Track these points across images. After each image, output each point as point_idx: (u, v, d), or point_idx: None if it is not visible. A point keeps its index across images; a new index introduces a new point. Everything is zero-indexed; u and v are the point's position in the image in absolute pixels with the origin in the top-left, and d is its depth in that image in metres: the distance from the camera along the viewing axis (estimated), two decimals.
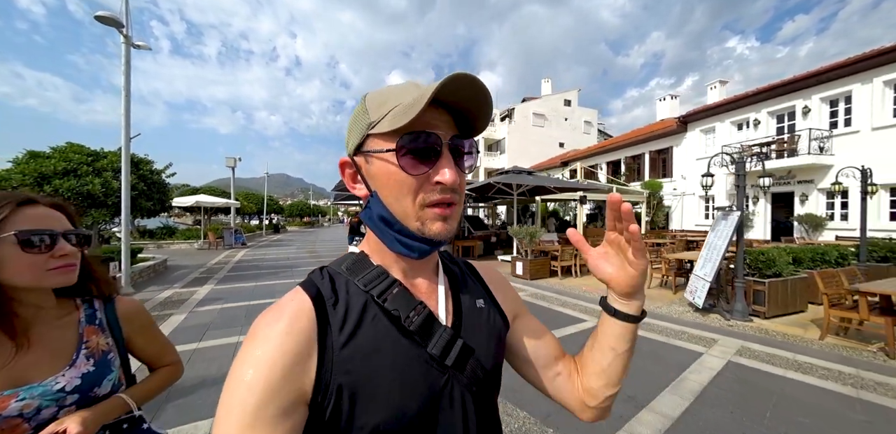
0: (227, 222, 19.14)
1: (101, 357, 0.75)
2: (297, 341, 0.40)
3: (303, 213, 45.83)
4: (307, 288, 0.46)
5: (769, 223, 12.42)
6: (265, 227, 25.66)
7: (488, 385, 0.51)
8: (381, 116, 0.43)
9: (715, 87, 16.43)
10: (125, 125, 5.92)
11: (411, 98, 0.42)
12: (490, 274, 0.63)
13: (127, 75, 5.94)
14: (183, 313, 4.80)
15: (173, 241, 15.32)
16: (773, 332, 4.09)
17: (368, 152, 0.45)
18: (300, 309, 0.43)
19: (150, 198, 6.76)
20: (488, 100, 0.43)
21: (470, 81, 0.40)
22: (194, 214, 18.74)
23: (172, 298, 5.66)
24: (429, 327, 0.46)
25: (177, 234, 16.05)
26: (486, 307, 0.56)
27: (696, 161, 14.77)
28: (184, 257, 11.35)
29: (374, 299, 0.46)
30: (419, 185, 0.44)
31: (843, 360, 3.26)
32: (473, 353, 0.49)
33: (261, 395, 0.36)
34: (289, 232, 30.16)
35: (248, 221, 29.48)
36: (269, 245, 16.53)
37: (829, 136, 10.42)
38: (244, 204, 22.57)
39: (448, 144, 0.44)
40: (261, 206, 26.27)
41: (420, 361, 0.45)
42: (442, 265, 0.57)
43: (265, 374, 0.37)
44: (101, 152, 6.47)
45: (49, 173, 5.45)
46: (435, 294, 0.52)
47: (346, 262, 0.50)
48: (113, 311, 0.82)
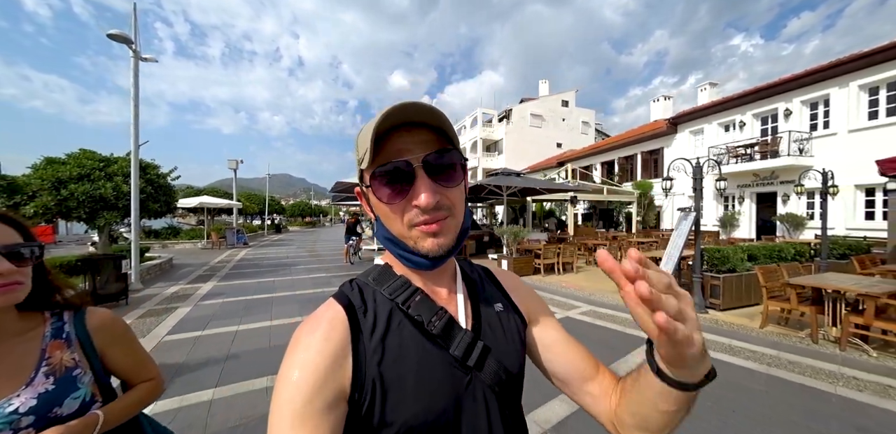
0: (229, 222, 19.66)
1: (63, 374, 0.70)
2: (334, 346, 0.44)
3: (304, 213, 46.42)
4: (339, 299, 0.50)
5: (754, 222, 12.76)
6: (267, 227, 26.22)
7: (511, 385, 0.52)
8: (363, 153, 0.46)
9: (705, 89, 16.75)
10: (134, 133, 6.39)
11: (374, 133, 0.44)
12: (506, 278, 0.66)
13: (135, 87, 6.41)
14: (189, 306, 5.27)
15: (178, 240, 15.84)
16: (723, 322, 4.48)
17: (365, 185, 0.50)
18: (335, 318, 0.47)
19: (158, 200, 7.23)
20: (436, 115, 0.45)
21: (409, 105, 0.43)
22: (198, 215, 19.27)
23: (178, 293, 6.13)
24: (450, 331, 0.49)
25: (181, 234, 16.57)
26: (503, 310, 0.58)
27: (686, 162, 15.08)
28: (188, 256, 11.85)
29: (399, 307, 0.50)
30: (402, 210, 0.47)
31: (771, 344, 3.67)
32: (494, 353, 0.51)
33: (307, 393, 0.40)
34: (290, 232, 30.71)
35: (250, 221, 30.04)
36: (270, 244, 17.03)
37: (809, 138, 10.76)
38: (246, 204, 23.10)
39: (422, 165, 0.46)
40: (262, 206, 26.82)
41: (444, 363, 0.48)
42: (461, 272, 0.60)
43: (309, 374, 0.41)
44: (112, 158, 6.95)
45: (65, 178, 5.92)
46: (454, 300, 0.55)
47: (373, 274, 0.55)
48: (82, 323, 0.77)
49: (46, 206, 5.63)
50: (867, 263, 5.38)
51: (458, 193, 0.49)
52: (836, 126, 10.16)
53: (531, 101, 32.53)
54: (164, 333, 4.02)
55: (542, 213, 20.77)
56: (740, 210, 12.97)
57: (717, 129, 13.94)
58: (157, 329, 4.18)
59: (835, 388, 2.73)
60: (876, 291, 3.16)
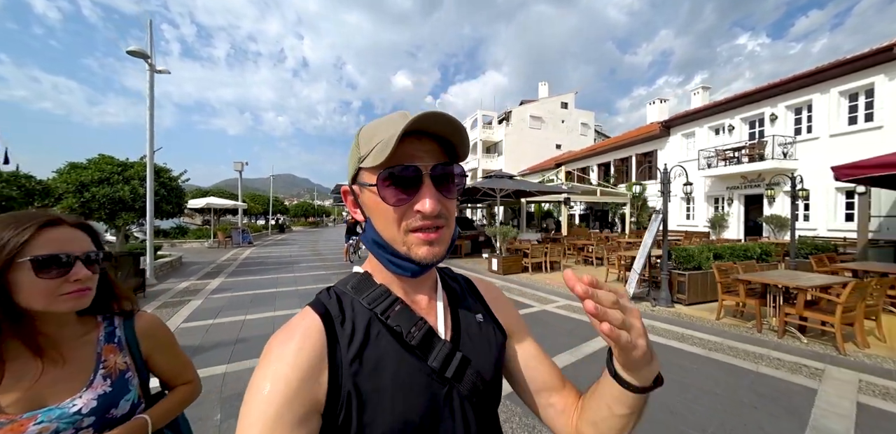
0: (234, 222, 20.29)
1: (118, 377, 0.73)
2: (308, 357, 0.43)
3: (307, 214, 47.13)
4: (316, 307, 0.49)
5: (742, 223, 13.11)
6: (271, 227, 26.84)
7: (488, 396, 0.53)
8: (368, 151, 0.47)
9: (698, 93, 17.09)
10: (149, 140, 6.93)
11: (389, 133, 0.45)
12: (488, 290, 0.66)
13: (151, 98, 6.95)
14: (200, 299, 5.78)
15: (185, 240, 16.44)
16: (685, 315, 4.92)
17: (361, 184, 0.50)
18: (310, 327, 0.46)
19: (170, 202, 7.77)
20: (461, 130, 0.47)
21: (441, 116, 0.44)
22: (203, 215, 19.91)
23: (190, 288, 6.66)
24: (429, 342, 0.49)
25: (189, 234, 17.18)
26: (483, 322, 0.57)
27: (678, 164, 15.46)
28: (196, 255, 12.43)
29: (378, 316, 0.49)
30: (402, 214, 0.47)
31: (720, 333, 4.10)
32: (473, 364, 0.51)
33: (278, 407, 0.40)
34: (294, 232, 31.34)
35: (254, 221, 30.69)
36: (274, 244, 17.60)
37: (793, 142, 11.11)
38: (251, 205, 23.74)
39: (430, 174, 0.47)
40: (267, 206, 27.46)
41: (422, 374, 0.48)
42: (441, 282, 0.59)
43: (281, 387, 0.41)
44: (128, 163, 7.50)
45: (87, 182, 6.47)
46: (434, 310, 0.55)
47: (352, 282, 0.54)
48: (132, 328, 0.79)
49: (71, 207, 6.18)
50: (825, 262, 5.78)
51: (453, 205, 0.51)
52: (819, 130, 10.51)
53: (531, 102, 32.93)
54: (180, 322, 4.54)
55: (541, 213, 21.20)
56: (729, 211, 13.33)
57: (707, 133, 14.30)
58: (174, 318, 4.70)
59: (757, 367, 3.17)
60: (804, 285, 3.60)
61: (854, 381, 2.85)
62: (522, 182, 11.23)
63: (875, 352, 3.48)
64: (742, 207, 13.11)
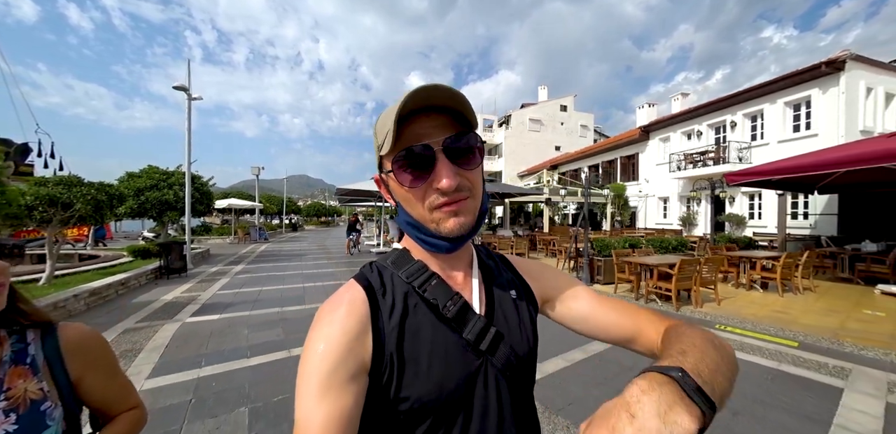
0: (251, 222, 22.37)
1: (27, 409, 0.56)
2: (355, 322, 0.47)
3: (319, 213, 49.49)
4: (360, 280, 0.53)
5: (710, 222, 14.16)
6: (285, 226, 28.97)
7: (522, 370, 0.54)
8: (383, 139, 0.47)
9: (678, 99, 18.10)
10: (188, 154, 8.74)
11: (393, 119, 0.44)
12: (524, 264, 0.67)
13: (189, 120, 8.75)
14: (228, 278, 7.52)
15: (210, 236, 18.52)
16: (597, 290, 6.31)
17: (385, 171, 0.51)
18: (355, 297, 0.50)
19: (202, 203, 9.61)
20: (457, 96, 0.46)
21: (432, 89, 0.44)
22: (222, 215, 22.04)
23: (219, 271, 8.43)
24: (464, 315, 0.51)
25: (212, 231, 19.29)
26: (517, 297, 0.60)
27: (656, 166, 16.59)
28: (220, 248, 14.37)
29: (416, 290, 0.52)
30: (423, 193, 0.49)
31: None
32: (506, 339, 0.53)
33: (331, 363, 0.43)
34: (306, 230, 33.48)
35: (269, 220, 32.97)
36: (286, 241, 19.54)
37: (749, 147, 12.19)
38: (267, 205, 25.86)
39: (443, 149, 0.47)
40: (281, 207, 29.62)
41: (457, 345, 0.50)
42: (477, 259, 0.61)
43: (333, 346, 0.44)
44: (170, 171, 9.37)
45: (142, 187, 8.34)
46: (469, 285, 0.57)
47: (392, 257, 0.57)
48: (54, 344, 0.62)
49: (132, 207, 8.03)
50: (723, 250, 7.06)
51: (477, 175, 0.51)
52: (769, 137, 11.59)
53: (530, 106, 34.12)
54: (216, 290, 6.25)
55: (536, 213, 22.59)
56: (697, 210, 14.43)
57: (680, 137, 15.39)
58: (212, 287, 6.43)
59: None
60: (652, 262, 5.00)
61: None
62: (501, 185, 12.68)
63: (705, 310, 4.85)
64: (709, 207, 14.17)
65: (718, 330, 4.05)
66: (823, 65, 9.59)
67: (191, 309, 4.99)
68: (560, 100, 34.57)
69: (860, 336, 3.75)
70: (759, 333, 3.90)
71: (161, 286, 6.62)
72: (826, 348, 3.47)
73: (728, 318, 4.47)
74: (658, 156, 16.68)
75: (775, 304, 5.12)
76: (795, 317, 4.49)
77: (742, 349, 3.44)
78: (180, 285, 6.71)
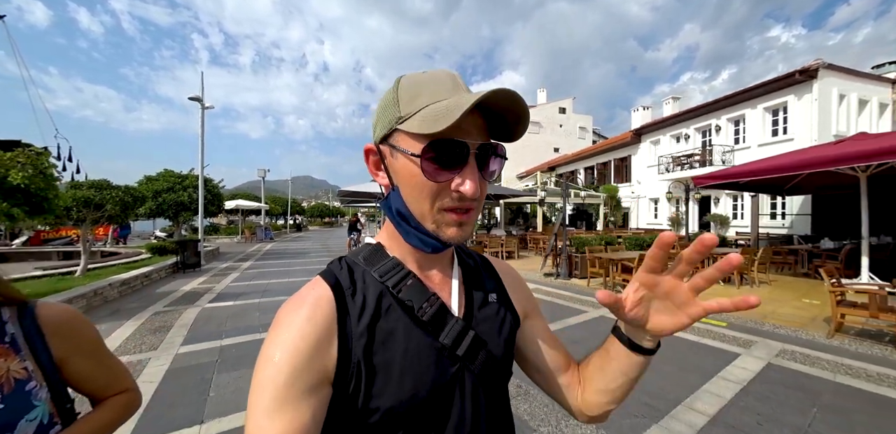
0: (257, 222, 23.19)
1: (12, 389, 0.54)
2: (318, 327, 0.42)
3: (323, 214, 50.42)
4: (326, 277, 0.48)
5: (697, 221, 14.70)
6: (289, 227, 29.80)
7: (499, 375, 0.52)
8: (412, 113, 0.43)
9: (669, 103, 18.62)
10: (201, 160, 9.48)
11: (446, 101, 0.41)
12: (505, 270, 0.64)
13: (202, 128, 9.50)
14: (238, 273, 8.23)
15: (218, 235, 19.35)
16: (574, 284, 6.92)
17: (395, 147, 0.45)
18: (320, 297, 0.45)
19: (214, 204, 10.36)
20: (526, 112, 0.44)
21: (510, 95, 0.41)
22: (229, 215, 22.87)
23: (230, 267, 9.15)
24: (441, 318, 0.48)
25: (220, 231, 20.13)
26: (497, 301, 0.56)
27: (647, 168, 17.12)
28: (228, 247, 15.15)
29: (390, 290, 0.48)
30: (439, 190, 0.44)
31: (581, 292, 6.12)
32: (485, 344, 0.50)
33: (288, 374, 0.39)
34: (310, 231, 34.32)
35: (274, 221, 33.84)
36: (291, 240, 20.32)
37: (732, 150, 12.72)
38: (272, 206, 26.68)
39: (475, 153, 0.44)
40: (286, 208, 30.47)
41: (432, 350, 0.46)
42: (457, 258, 0.58)
43: (291, 355, 0.40)
44: (184, 175, 10.14)
45: (160, 190, 9.10)
46: (448, 286, 0.53)
47: (363, 253, 0.52)
48: (33, 322, 0.58)
49: (151, 208, 8.79)
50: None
51: (486, 187, 0.48)
52: (750, 140, 12.12)
53: (530, 108, 34.64)
54: (228, 282, 6.96)
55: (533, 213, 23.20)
56: (685, 210, 14.93)
57: (670, 140, 15.93)
58: (225, 280, 7.14)
59: (583, 307, 5.18)
60: (616, 257, 5.61)
61: None
62: (493, 186, 13.30)
63: None
64: (696, 207, 14.71)
65: None
66: (797, 73, 10.13)
67: (208, 297, 5.69)
68: (559, 102, 35.14)
69: (784, 319, 4.35)
70: None
71: (179, 279, 7.35)
72: (749, 327, 4.07)
73: None
74: (649, 158, 17.21)
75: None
76: None
77: (685, 331, 4.06)
78: (196, 278, 7.44)
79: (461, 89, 0.45)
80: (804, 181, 7.78)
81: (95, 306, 4.96)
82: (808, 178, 7.43)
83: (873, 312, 3.33)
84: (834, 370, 2.92)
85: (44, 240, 13.13)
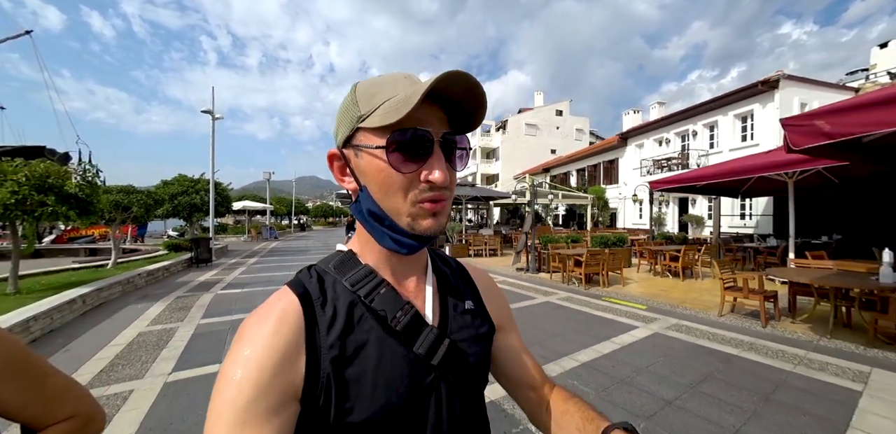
0: (262, 222, 24.30)
1: None
2: (284, 341, 0.40)
3: (326, 214, 51.62)
4: (294, 287, 0.46)
5: (677, 221, 15.44)
6: (293, 226, 30.92)
7: (475, 384, 0.52)
8: (371, 110, 0.43)
9: (655, 107, 19.34)
10: (211, 165, 10.51)
11: (403, 93, 0.41)
12: (482, 278, 0.64)
13: (212, 137, 10.52)
14: (245, 267, 9.23)
15: (226, 235, 20.48)
16: (540, 278, 7.79)
17: (358, 146, 0.45)
18: (287, 309, 0.43)
19: (223, 205, 11.40)
20: (483, 96, 0.43)
21: (464, 78, 0.40)
22: (235, 216, 24.02)
23: (237, 262, 10.17)
24: (415, 327, 0.47)
25: (228, 230, 21.26)
26: (473, 309, 0.56)
27: (632, 170, 17.87)
28: (236, 245, 16.24)
29: (362, 300, 0.46)
30: (409, 182, 0.43)
31: (541, 283, 7.00)
32: (460, 352, 0.49)
33: (249, 394, 0.37)
34: (313, 230, 35.45)
35: (279, 221, 35.03)
36: (294, 239, 21.40)
37: (707, 154, 13.46)
38: (277, 207, 27.83)
39: (439, 141, 0.44)
40: (290, 208, 31.62)
41: (406, 361, 0.45)
42: (431, 264, 0.57)
43: (253, 373, 0.38)
44: (196, 179, 11.19)
45: (175, 193, 10.15)
46: (422, 294, 0.52)
47: (334, 261, 0.51)
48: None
49: (167, 210, 9.83)
50: (650, 244, 8.47)
51: (455, 177, 0.48)
52: (722, 145, 12.86)
53: (527, 111, 35.49)
54: (237, 274, 7.95)
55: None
56: (666, 211, 15.70)
57: (653, 144, 16.68)
58: (234, 273, 8.14)
59: (536, 295, 6.07)
60: (570, 253, 6.48)
61: (588, 299, 5.77)
62: (480, 189, 14.20)
63: (608, 289, 6.30)
64: (676, 208, 15.46)
65: (602, 300, 5.52)
66: (759, 84, 10.88)
67: (220, 286, 6.67)
68: (556, 105, 35.86)
69: (700, 303, 5.19)
70: (626, 301, 5.38)
71: (193, 272, 8.36)
72: (664, 310, 4.92)
73: (616, 293, 5.95)
74: (634, 161, 17.96)
75: (664, 285, 6.56)
76: (669, 293, 5.93)
77: (607, 311, 4.91)
78: (208, 271, 8.45)
79: (417, 83, 0.44)
80: (756, 185, 8.57)
81: (128, 292, 5.96)
82: (758, 183, 8.22)
83: (744, 295, 4.18)
84: (702, 337, 3.78)
85: (68, 238, 14.30)
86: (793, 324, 4.12)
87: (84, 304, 4.71)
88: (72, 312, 4.39)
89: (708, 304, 5.11)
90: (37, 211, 4.47)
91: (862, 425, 2.14)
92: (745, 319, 4.35)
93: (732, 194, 9.41)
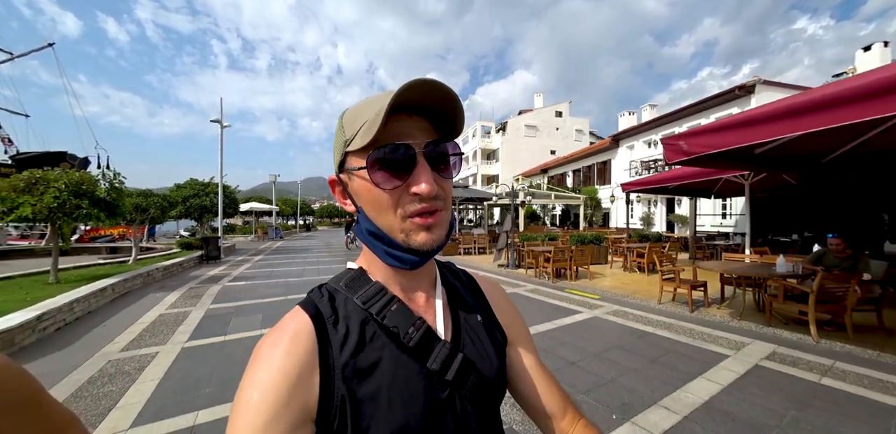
0: (269, 223, 25.30)
1: None
2: (298, 362, 0.41)
3: (332, 215, 52.73)
4: (306, 307, 0.47)
5: (664, 220, 15.91)
6: (299, 227, 31.95)
7: (491, 398, 0.51)
8: (354, 133, 0.44)
9: (647, 110, 19.79)
10: (220, 170, 11.38)
11: (375, 111, 0.41)
12: (492, 290, 0.64)
13: (221, 143, 11.40)
14: (251, 263, 10.07)
15: (234, 234, 21.49)
16: (518, 273, 8.44)
17: (349, 170, 0.46)
18: (300, 330, 0.44)
19: (231, 207, 12.29)
20: (455, 101, 0.43)
21: (430, 85, 0.40)
22: (243, 217, 25.06)
23: (244, 259, 11.02)
24: (428, 343, 0.47)
25: (236, 230, 22.29)
26: (484, 321, 0.55)
27: (623, 171, 18.37)
28: (243, 244, 17.17)
29: (374, 317, 0.47)
30: (397, 198, 0.44)
31: (516, 277, 7.66)
32: (474, 366, 0.49)
33: (267, 416, 0.37)
34: (318, 230, 36.46)
35: (285, 221, 36.12)
36: (299, 239, 22.31)
37: None
38: (283, 208, 28.85)
39: (424, 152, 0.44)
40: (296, 209, 32.65)
41: (420, 377, 0.45)
42: (440, 277, 0.57)
43: (269, 396, 0.38)
44: (206, 183, 12.10)
45: (187, 195, 11.05)
46: (433, 308, 0.52)
47: (345, 279, 0.51)
48: None
49: (180, 211, 10.73)
50: (624, 241, 9.07)
51: (450, 186, 0.48)
52: None
53: (527, 112, 36.02)
54: (243, 269, 8.77)
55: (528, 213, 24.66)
56: (655, 211, 16.18)
57: (642, 146, 17.17)
58: (240, 268, 8.97)
59: (507, 287, 6.73)
60: (540, 249, 7.14)
61: (551, 291, 6.43)
62: (472, 190, 14.88)
63: (575, 283, 6.94)
64: (664, 208, 15.95)
65: (564, 292, 6.17)
66: (737, 89, 11.38)
67: (227, 279, 7.48)
68: (555, 106, 36.33)
69: (649, 294, 5.79)
70: (584, 292, 6.02)
71: (204, 267, 9.20)
72: (615, 299, 5.55)
73: (579, 286, 6.59)
74: (626, 162, 18.46)
75: (628, 279, 7.17)
76: (628, 286, 6.55)
77: (564, 300, 5.56)
78: (217, 267, 9.28)
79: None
80: (725, 186, 9.10)
81: (148, 283, 6.80)
82: (726, 185, 8.76)
83: (677, 285, 4.81)
84: (632, 320, 4.42)
85: (90, 238, 15.38)
86: (718, 309, 4.73)
87: (113, 292, 5.54)
88: (104, 298, 5.21)
89: (655, 295, 5.72)
90: (74, 213, 5.29)
91: (710, 376, 2.79)
92: (679, 306, 4.97)
93: (706, 195, 9.93)
